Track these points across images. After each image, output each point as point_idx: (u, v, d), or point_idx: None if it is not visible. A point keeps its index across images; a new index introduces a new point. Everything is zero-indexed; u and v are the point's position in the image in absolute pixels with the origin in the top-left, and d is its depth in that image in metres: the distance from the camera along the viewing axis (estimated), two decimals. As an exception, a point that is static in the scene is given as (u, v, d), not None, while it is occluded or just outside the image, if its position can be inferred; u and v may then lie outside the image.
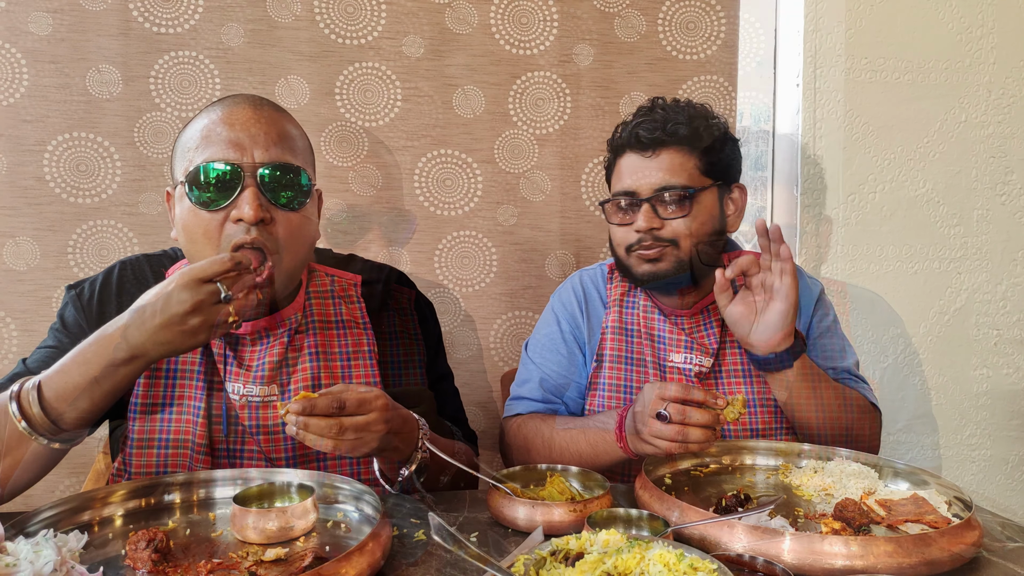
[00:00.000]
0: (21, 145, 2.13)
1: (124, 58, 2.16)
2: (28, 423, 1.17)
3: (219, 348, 1.37)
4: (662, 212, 1.58)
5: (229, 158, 1.26)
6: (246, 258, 1.18)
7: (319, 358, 1.40)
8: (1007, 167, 2.64)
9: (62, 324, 1.41)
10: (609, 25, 2.34)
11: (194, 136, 1.30)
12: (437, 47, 2.28)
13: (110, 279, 1.43)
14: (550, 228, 2.38)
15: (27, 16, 2.11)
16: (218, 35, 2.19)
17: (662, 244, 1.59)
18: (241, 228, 1.26)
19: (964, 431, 2.71)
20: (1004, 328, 2.69)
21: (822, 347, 1.71)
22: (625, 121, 1.68)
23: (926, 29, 2.56)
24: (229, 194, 1.26)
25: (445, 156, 2.32)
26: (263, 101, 1.37)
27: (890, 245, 2.62)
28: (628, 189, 1.61)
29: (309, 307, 1.44)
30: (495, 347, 2.38)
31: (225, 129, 1.28)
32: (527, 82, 2.33)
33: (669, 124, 1.58)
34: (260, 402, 1.36)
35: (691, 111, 1.63)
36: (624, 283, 1.73)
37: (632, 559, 0.91)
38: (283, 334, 1.39)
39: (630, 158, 1.63)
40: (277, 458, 1.38)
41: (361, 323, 1.47)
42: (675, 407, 1.29)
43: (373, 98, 2.27)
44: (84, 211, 2.17)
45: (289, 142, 1.34)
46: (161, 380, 1.36)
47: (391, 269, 1.62)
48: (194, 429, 1.34)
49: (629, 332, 1.67)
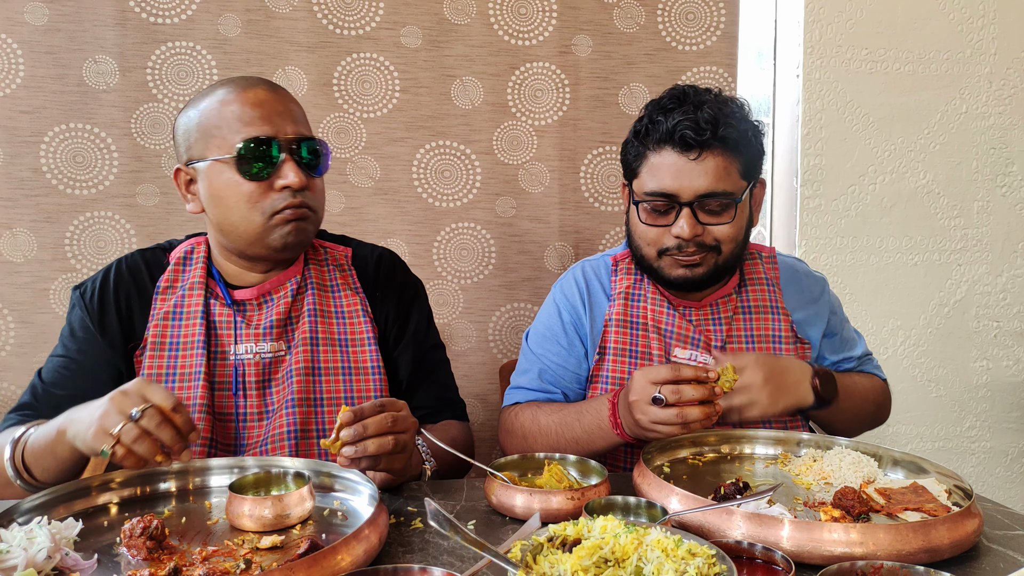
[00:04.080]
0: (17, 136, 2.13)
1: (121, 48, 2.15)
2: (14, 470, 1.27)
3: (225, 315, 1.48)
4: (704, 218, 1.50)
5: (268, 133, 1.39)
6: (148, 451, 1.15)
7: (318, 315, 1.52)
8: (1008, 158, 2.63)
9: (70, 329, 1.49)
10: (608, 15, 2.33)
11: (217, 116, 1.41)
12: (435, 37, 2.27)
13: (108, 277, 1.50)
14: (549, 220, 2.37)
15: (23, 6, 2.10)
16: (215, 25, 2.18)
17: (703, 250, 1.52)
18: (286, 194, 1.41)
19: (964, 423, 2.70)
20: (1004, 320, 2.68)
21: (842, 342, 1.72)
22: (660, 109, 1.53)
23: (927, 19, 2.54)
24: (272, 166, 1.40)
25: (443, 147, 2.31)
26: (271, 83, 1.48)
27: (890, 236, 2.61)
28: (668, 191, 1.50)
29: (307, 271, 1.55)
30: (494, 339, 2.37)
31: (255, 109, 1.40)
32: (526, 73, 2.32)
33: (721, 127, 1.47)
34: (272, 358, 1.48)
35: (735, 110, 1.53)
36: (630, 275, 1.68)
37: (630, 545, 0.90)
38: (285, 295, 1.51)
39: (670, 157, 1.50)
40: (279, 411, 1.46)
41: (353, 287, 1.58)
42: (669, 388, 1.27)
43: (371, 89, 2.26)
44: (81, 202, 2.17)
45: (304, 118, 1.49)
46: (165, 352, 1.46)
47: (382, 247, 1.69)
48: (195, 393, 1.43)
49: (634, 324, 1.64)
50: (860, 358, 1.75)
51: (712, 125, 1.47)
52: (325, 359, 1.50)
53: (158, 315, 1.46)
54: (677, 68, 2.37)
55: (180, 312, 1.47)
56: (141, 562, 1.03)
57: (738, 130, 1.50)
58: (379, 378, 1.53)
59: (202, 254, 1.51)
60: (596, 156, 2.37)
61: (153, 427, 1.11)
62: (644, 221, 1.56)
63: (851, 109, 2.55)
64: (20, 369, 2.16)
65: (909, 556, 1.01)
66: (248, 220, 1.41)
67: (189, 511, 1.21)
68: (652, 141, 1.53)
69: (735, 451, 1.47)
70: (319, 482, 1.26)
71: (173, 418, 1.13)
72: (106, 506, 1.21)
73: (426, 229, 2.33)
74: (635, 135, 1.58)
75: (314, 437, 1.46)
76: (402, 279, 1.64)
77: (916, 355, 2.66)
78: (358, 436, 1.16)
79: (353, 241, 1.67)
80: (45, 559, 0.96)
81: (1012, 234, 2.66)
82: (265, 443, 1.44)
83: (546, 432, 1.55)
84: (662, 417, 1.29)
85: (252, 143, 1.38)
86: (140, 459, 1.12)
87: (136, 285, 1.49)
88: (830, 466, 1.34)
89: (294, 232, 1.42)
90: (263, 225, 1.41)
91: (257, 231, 1.41)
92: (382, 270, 1.62)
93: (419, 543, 1.10)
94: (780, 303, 1.66)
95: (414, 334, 1.61)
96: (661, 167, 1.51)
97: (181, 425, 1.14)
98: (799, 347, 1.65)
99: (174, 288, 1.49)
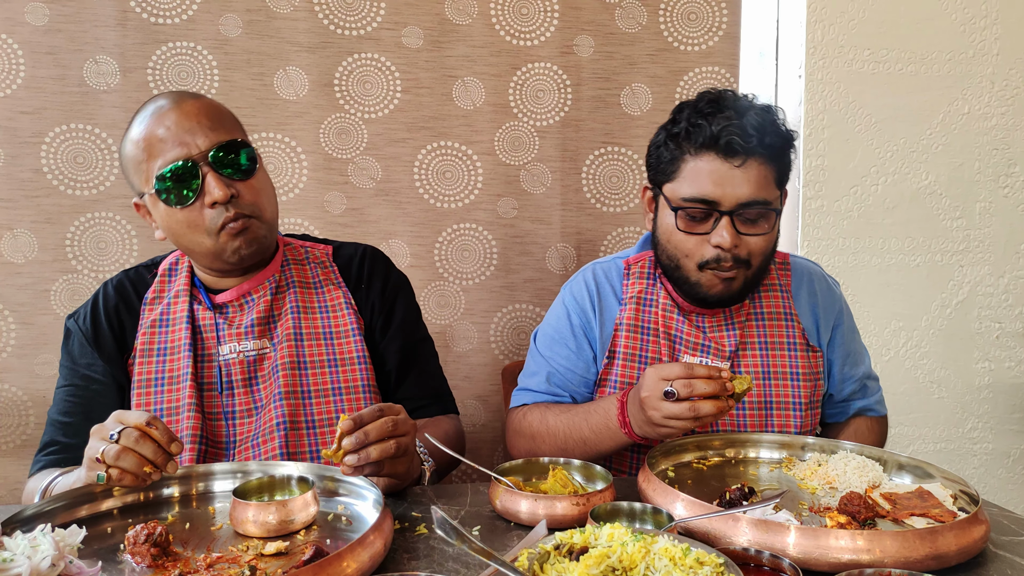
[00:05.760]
0: (18, 137, 2.12)
1: (122, 49, 2.14)
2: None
3: (209, 319, 1.50)
4: (741, 227, 1.46)
5: (180, 156, 1.38)
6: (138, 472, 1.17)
7: (301, 312, 1.54)
8: (1010, 159, 2.62)
9: (69, 357, 1.53)
10: (610, 16, 2.32)
11: (138, 150, 1.41)
12: (437, 38, 2.27)
13: (97, 299, 1.55)
14: (551, 221, 2.36)
15: (24, 6, 2.09)
16: (216, 26, 2.17)
17: (737, 265, 1.48)
18: (220, 209, 1.39)
19: (965, 424, 2.70)
20: (1006, 321, 2.68)
21: (846, 354, 1.68)
22: (698, 113, 1.48)
23: (929, 20, 2.54)
24: (195, 186, 1.39)
25: (445, 148, 2.30)
26: (180, 95, 1.46)
27: (892, 237, 2.60)
28: (708, 197, 1.45)
29: (287, 270, 1.57)
30: (495, 340, 2.37)
31: (164, 132, 1.39)
32: (527, 73, 2.31)
33: (767, 136, 1.44)
34: (255, 355, 1.50)
35: (776, 117, 1.49)
36: (643, 280, 1.65)
37: (637, 553, 0.89)
38: (265, 293, 1.53)
39: (712, 162, 1.45)
40: (266, 406, 1.49)
41: (335, 282, 1.60)
42: (681, 383, 1.26)
43: (372, 89, 2.26)
44: (82, 203, 2.16)
45: (219, 120, 1.44)
46: (153, 358, 1.49)
47: (365, 245, 1.70)
48: (184, 394, 1.46)
49: (645, 330, 1.62)
50: (865, 376, 1.71)
51: (759, 132, 1.43)
52: (310, 353, 1.52)
53: (145, 324, 1.51)
54: (679, 68, 2.36)
55: (167, 319, 1.51)
56: (145, 569, 1.02)
57: (782, 139, 1.48)
58: (365, 368, 1.54)
59: (187, 264, 1.55)
60: (598, 157, 2.36)
61: (132, 443, 1.14)
62: (681, 229, 1.49)
63: (853, 110, 2.54)
64: (21, 370, 2.16)
65: (916, 563, 1.00)
66: (197, 243, 1.43)
67: (192, 517, 1.21)
68: (693, 145, 1.47)
69: (739, 455, 1.47)
70: (323, 487, 1.26)
71: (150, 432, 1.15)
72: (109, 512, 1.21)
73: (427, 230, 2.32)
74: (670, 138, 1.52)
75: (303, 429, 1.48)
76: (385, 272, 1.66)
77: (918, 356, 2.65)
78: (360, 443, 1.16)
79: (336, 241, 1.69)
80: (49, 567, 0.95)
81: (1014, 235, 2.66)
82: (256, 437, 1.47)
83: (554, 433, 1.55)
84: (674, 411, 1.27)
85: (168, 172, 1.37)
86: (131, 475, 1.14)
87: (124, 301, 1.53)
88: (835, 471, 1.34)
89: (244, 243, 1.43)
90: (213, 244, 1.42)
91: (210, 250, 1.43)
92: (365, 264, 1.64)
93: (424, 549, 1.10)
94: (793, 310, 1.64)
95: (401, 325, 1.63)
96: (702, 173, 1.46)
97: (159, 438, 1.16)
98: (811, 354, 1.63)
99: (161, 298, 1.53)
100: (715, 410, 1.26)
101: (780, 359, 1.61)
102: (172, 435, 1.17)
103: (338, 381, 1.52)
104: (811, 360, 1.62)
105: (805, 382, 1.60)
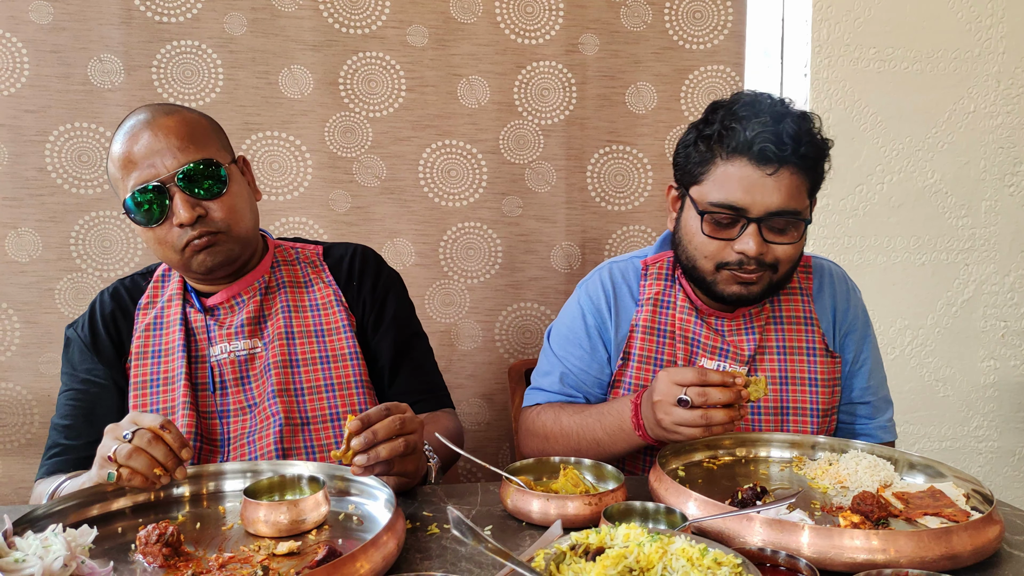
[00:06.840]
0: (22, 135, 2.11)
1: (126, 47, 2.13)
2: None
3: (200, 321, 1.53)
4: (768, 235, 1.43)
5: (148, 177, 1.39)
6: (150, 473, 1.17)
7: (292, 311, 1.56)
8: (1016, 158, 2.62)
9: (69, 364, 1.55)
10: (615, 14, 2.32)
11: (116, 168, 1.43)
12: (442, 36, 2.26)
13: (94, 307, 1.58)
14: (556, 219, 2.36)
15: (28, 5, 2.08)
16: (221, 24, 2.16)
17: (761, 268, 1.46)
18: (186, 229, 1.40)
19: (971, 423, 2.70)
20: (1012, 320, 2.67)
21: (855, 362, 1.65)
22: (732, 116, 1.44)
23: (935, 18, 2.53)
24: (163, 207, 1.40)
25: (450, 146, 2.30)
26: (156, 111, 1.45)
27: (898, 236, 2.60)
28: (737, 204, 1.42)
29: (277, 271, 1.59)
30: (500, 339, 2.36)
31: (135, 153, 1.40)
32: (532, 72, 2.30)
33: (803, 145, 1.40)
34: (246, 355, 1.52)
35: (812, 125, 1.46)
36: (660, 281, 1.63)
37: (655, 554, 0.89)
38: (254, 295, 1.55)
39: (744, 168, 1.41)
40: (259, 405, 1.51)
41: (326, 280, 1.61)
42: (695, 390, 1.25)
43: (377, 88, 2.25)
44: (86, 202, 2.15)
45: (189, 137, 1.43)
46: (148, 360, 1.51)
47: (356, 244, 1.70)
48: (178, 394, 1.48)
49: (661, 332, 1.60)
50: (883, 399, 1.67)
51: (795, 141, 1.40)
52: (302, 351, 1.53)
53: (140, 327, 1.54)
54: (684, 67, 2.36)
55: (160, 323, 1.54)
56: (157, 569, 1.02)
57: (817, 149, 1.45)
58: (357, 363, 1.55)
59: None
60: (603, 155, 2.36)
61: (144, 444, 1.15)
62: (706, 233, 1.47)
63: (859, 108, 2.54)
64: (25, 369, 2.15)
65: (931, 563, 1.00)
66: (168, 258, 1.46)
67: (203, 516, 1.20)
68: (725, 149, 1.44)
69: (750, 454, 1.46)
70: (334, 486, 1.25)
71: (163, 435, 1.16)
72: (120, 512, 1.21)
73: (432, 228, 2.32)
74: (702, 139, 1.48)
75: (298, 425, 1.49)
76: (376, 269, 1.66)
77: (923, 355, 2.65)
78: (369, 443, 1.16)
79: (327, 242, 1.71)
80: (61, 567, 0.95)
81: (1020, 234, 2.65)
82: (252, 435, 1.48)
83: (567, 433, 1.54)
84: (686, 419, 1.27)
85: (137, 194, 1.39)
86: (140, 476, 1.14)
87: (120, 308, 1.56)
88: (846, 470, 1.33)
89: (209, 257, 1.44)
90: (179, 260, 1.44)
91: (180, 264, 1.46)
92: (356, 262, 1.65)
93: (437, 549, 1.09)
94: (813, 314, 1.62)
95: (393, 320, 1.63)
96: (732, 178, 1.43)
97: (171, 442, 1.16)
98: (831, 360, 1.60)
99: (154, 303, 1.56)
100: (727, 419, 1.26)
101: (799, 364, 1.58)
102: (184, 440, 1.17)
103: (330, 377, 1.53)
104: (830, 366, 1.60)
105: (823, 388, 1.58)
